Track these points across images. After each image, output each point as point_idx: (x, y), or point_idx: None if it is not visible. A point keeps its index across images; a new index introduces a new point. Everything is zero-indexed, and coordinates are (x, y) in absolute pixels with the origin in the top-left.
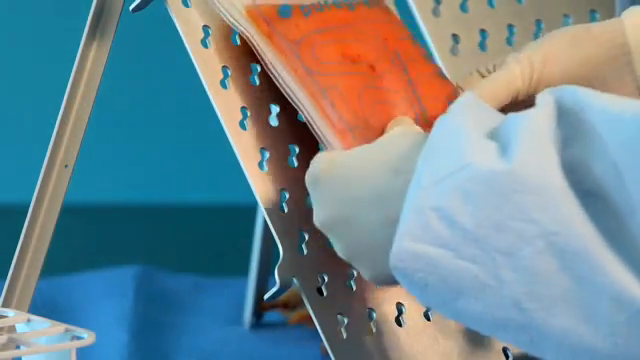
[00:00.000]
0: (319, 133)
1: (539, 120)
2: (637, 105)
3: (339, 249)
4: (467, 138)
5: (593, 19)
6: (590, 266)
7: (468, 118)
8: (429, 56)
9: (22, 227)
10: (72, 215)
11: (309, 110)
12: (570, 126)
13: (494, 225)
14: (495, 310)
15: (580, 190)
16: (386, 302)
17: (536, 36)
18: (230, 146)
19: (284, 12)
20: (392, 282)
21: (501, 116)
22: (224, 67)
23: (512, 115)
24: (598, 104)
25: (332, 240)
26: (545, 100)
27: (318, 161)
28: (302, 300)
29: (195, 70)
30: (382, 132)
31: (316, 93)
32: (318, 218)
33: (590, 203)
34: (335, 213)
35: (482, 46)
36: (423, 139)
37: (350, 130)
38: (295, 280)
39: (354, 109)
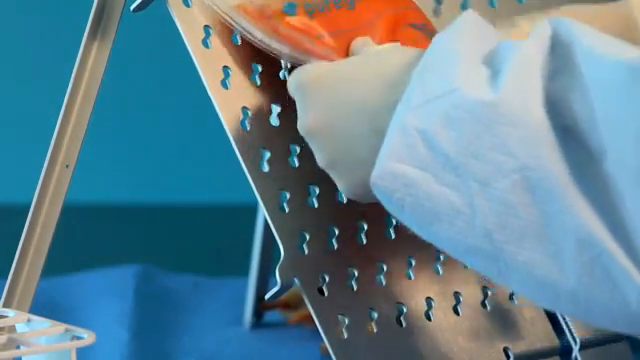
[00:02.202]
0: None
1: (530, 51)
2: (623, 51)
3: (320, 157)
4: (460, 61)
5: None
6: (560, 205)
7: (465, 39)
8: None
9: (23, 227)
10: (72, 215)
11: None
12: (560, 59)
13: (474, 154)
14: (467, 238)
15: (560, 125)
16: (387, 302)
17: None
18: (230, 146)
19: (290, 11)
20: (368, 197)
21: (499, 38)
22: (225, 67)
23: (507, 42)
24: (586, 42)
25: (314, 147)
26: (541, 30)
27: (304, 69)
28: (303, 300)
29: (196, 70)
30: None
31: None
32: (302, 124)
33: (568, 139)
34: (322, 120)
35: None
36: (419, 56)
37: None
38: (296, 280)
39: None
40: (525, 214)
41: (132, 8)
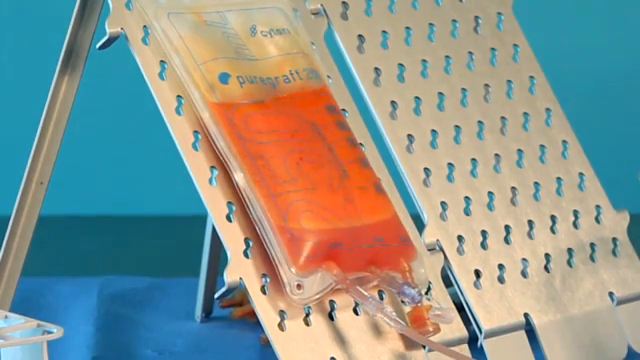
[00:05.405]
0: (245, 194)
1: None
2: None
3: None
4: None
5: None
6: None
7: None
8: (342, 124)
9: (4, 237)
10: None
11: (240, 170)
12: None
13: None
14: None
15: None
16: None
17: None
18: (183, 164)
19: (223, 79)
20: None
21: None
22: (178, 96)
23: None
24: None
25: None
26: None
27: None
28: (246, 298)
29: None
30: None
31: (246, 157)
32: None
33: None
34: None
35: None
36: None
37: (272, 196)
38: (241, 281)
39: (279, 177)
40: None
41: (97, 46)
